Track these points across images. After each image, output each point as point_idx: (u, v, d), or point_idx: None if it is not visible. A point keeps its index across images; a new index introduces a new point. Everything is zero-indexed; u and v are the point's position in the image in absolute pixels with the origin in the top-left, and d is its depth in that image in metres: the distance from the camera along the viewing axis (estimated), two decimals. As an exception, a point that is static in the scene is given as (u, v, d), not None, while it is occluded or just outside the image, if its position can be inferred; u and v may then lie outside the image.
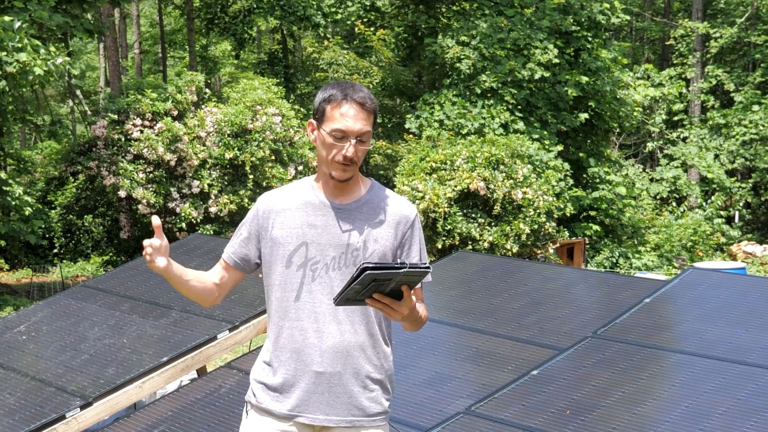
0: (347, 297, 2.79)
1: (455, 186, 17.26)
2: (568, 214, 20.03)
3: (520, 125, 21.02)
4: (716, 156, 28.55)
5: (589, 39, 22.92)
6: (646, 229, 24.04)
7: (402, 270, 2.71)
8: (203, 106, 18.50)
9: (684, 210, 25.96)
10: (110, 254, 20.15)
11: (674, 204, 27.42)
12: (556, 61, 21.74)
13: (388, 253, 3.10)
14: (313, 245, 3.08)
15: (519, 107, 21.64)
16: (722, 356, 4.91)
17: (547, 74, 21.55)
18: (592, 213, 22.31)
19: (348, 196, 3.13)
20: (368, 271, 2.67)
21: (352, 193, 3.14)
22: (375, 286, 2.76)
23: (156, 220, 3.06)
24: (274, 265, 3.14)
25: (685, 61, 31.29)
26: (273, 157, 18.13)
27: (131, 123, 17.40)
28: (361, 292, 2.77)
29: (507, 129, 20.96)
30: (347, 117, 3.00)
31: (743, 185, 28.17)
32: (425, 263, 2.86)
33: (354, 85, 3.07)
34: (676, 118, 30.61)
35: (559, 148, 21.22)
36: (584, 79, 22.02)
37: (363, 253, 3.06)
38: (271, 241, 3.14)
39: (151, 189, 17.21)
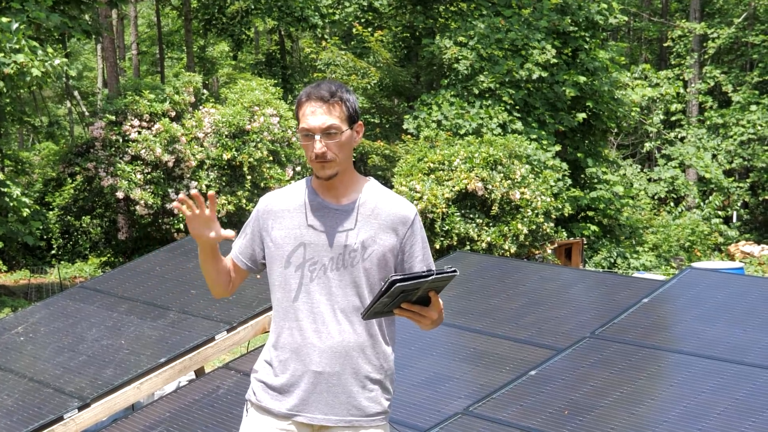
0: (376, 311, 2.80)
1: (453, 186, 17.26)
2: (566, 215, 20.03)
3: (518, 125, 21.02)
4: (714, 156, 28.54)
5: (587, 39, 22.93)
6: (644, 229, 24.04)
7: (429, 278, 2.73)
8: (201, 107, 18.48)
9: (682, 210, 25.97)
10: (108, 255, 20.14)
11: (672, 204, 27.43)
12: (554, 61, 21.75)
13: (388, 253, 3.10)
14: (311, 246, 3.08)
15: (517, 107, 21.64)
16: (720, 356, 4.91)
17: (544, 74, 21.55)
18: (590, 213, 22.31)
19: (346, 196, 3.13)
20: (397, 284, 2.68)
21: (349, 194, 3.14)
22: (403, 297, 2.77)
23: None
24: (274, 266, 3.16)
25: (682, 62, 31.29)
26: (271, 158, 18.12)
27: (129, 124, 17.38)
28: (389, 305, 2.78)
29: (505, 129, 20.96)
30: (309, 115, 3.03)
31: (741, 185, 28.16)
32: (452, 267, 2.85)
33: (321, 83, 3.08)
34: (673, 118, 30.61)
35: (557, 148, 21.21)
36: (582, 79, 22.03)
37: (361, 254, 3.06)
38: (271, 242, 3.15)
39: (149, 190, 17.19)
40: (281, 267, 3.12)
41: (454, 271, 2.77)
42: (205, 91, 19.50)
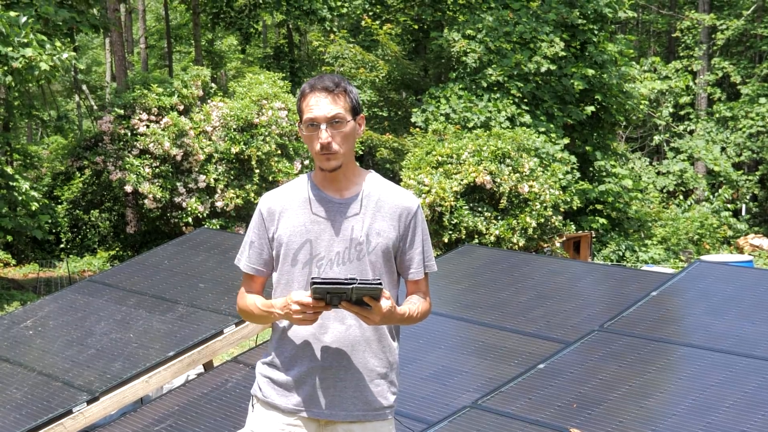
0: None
1: (461, 180, 17.23)
2: (575, 208, 19.99)
3: (527, 118, 20.98)
4: (723, 149, 28.44)
5: (596, 32, 22.87)
6: (653, 222, 23.99)
7: (351, 285, 2.78)
8: (209, 101, 18.48)
9: (691, 203, 25.89)
10: (117, 249, 20.17)
11: (681, 197, 27.34)
12: (563, 54, 21.69)
13: (391, 245, 3.11)
14: (318, 242, 3.08)
15: (525, 100, 21.61)
16: (729, 349, 4.90)
17: (553, 67, 21.51)
18: (599, 206, 22.26)
19: (348, 190, 3.13)
20: (315, 286, 2.78)
21: (351, 187, 3.14)
22: (337, 297, 2.82)
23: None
24: (281, 264, 3.15)
25: (691, 53, 31.19)
26: (279, 152, 18.12)
27: (137, 118, 17.40)
28: (327, 302, 2.85)
29: (513, 122, 20.92)
30: (313, 105, 3.04)
31: (750, 178, 28.07)
32: (377, 279, 2.93)
33: (323, 75, 3.10)
34: (682, 112, 30.52)
35: (566, 141, 21.18)
36: (590, 72, 21.97)
37: (366, 247, 3.06)
38: (277, 241, 3.14)
39: (157, 184, 17.21)
40: (288, 264, 3.12)
41: (379, 282, 2.83)
42: (213, 84, 19.50)
